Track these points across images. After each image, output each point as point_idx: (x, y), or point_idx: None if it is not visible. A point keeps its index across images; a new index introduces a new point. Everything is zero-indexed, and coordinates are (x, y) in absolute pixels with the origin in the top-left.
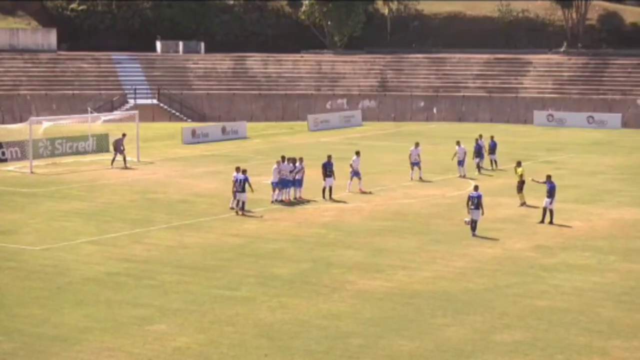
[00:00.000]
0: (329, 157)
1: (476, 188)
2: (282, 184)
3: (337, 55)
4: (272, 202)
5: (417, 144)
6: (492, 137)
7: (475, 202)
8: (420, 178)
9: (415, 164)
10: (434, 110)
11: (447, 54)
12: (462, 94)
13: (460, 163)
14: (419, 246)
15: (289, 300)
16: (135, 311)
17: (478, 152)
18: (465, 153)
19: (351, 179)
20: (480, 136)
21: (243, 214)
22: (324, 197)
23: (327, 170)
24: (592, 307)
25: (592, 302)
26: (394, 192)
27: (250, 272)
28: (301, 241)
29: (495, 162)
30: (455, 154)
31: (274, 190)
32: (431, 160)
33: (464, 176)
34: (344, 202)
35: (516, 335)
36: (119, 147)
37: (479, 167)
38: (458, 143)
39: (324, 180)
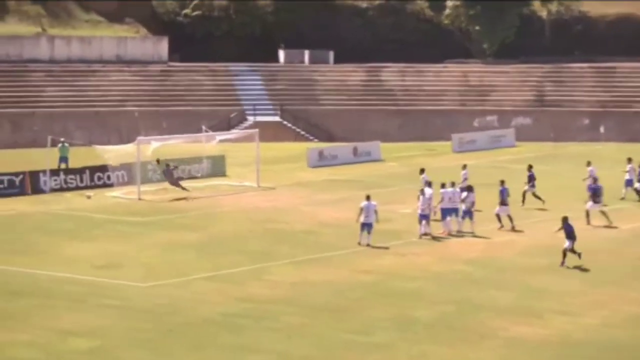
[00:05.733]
0: (502, 182)
1: (564, 220)
2: (444, 212)
3: (486, 65)
4: (421, 236)
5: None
6: None
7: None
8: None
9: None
10: (601, 129)
11: (617, 63)
12: (634, 109)
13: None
14: (583, 287)
15: (431, 347)
16: (256, 357)
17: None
18: (594, 176)
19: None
20: (629, 160)
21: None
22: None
23: (503, 197)
24: None
25: None
26: (553, 225)
27: (385, 314)
28: (444, 279)
29: None
30: (587, 178)
31: (420, 223)
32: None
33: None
34: (490, 237)
35: None
36: (170, 178)
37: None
38: (588, 164)
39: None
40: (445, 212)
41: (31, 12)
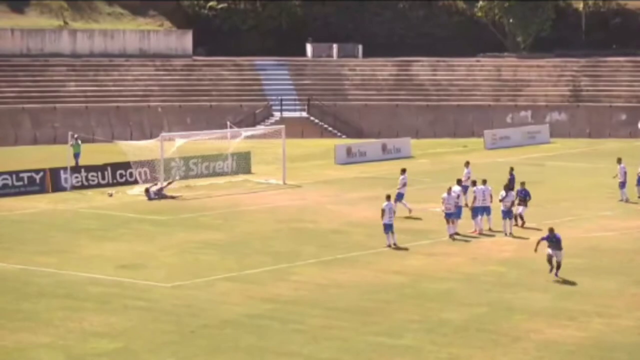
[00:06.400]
0: (522, 183)
1: (551, 230)
2: (475, 211)
3: (520, 59)
4: (451, 236)
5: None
6: None
7: (555, 243)
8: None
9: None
10: (639, 125)
11: None
12: None
13: (621, 185)
14: (620, 289)
15: (462, 350)
16: None
17: None
18: (625, 173)
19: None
20: None
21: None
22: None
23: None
24: None
25: None
26: (588, 224)
27: (414, 316)
28: (475, 281)
29: None
30: (616, 175)
31: (448, 222)
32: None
33: (626, 200)
34: (525, 236)
35: None
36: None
37: None
38: (619, 161)
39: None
40: (477, 211)
41: (53, 4)
